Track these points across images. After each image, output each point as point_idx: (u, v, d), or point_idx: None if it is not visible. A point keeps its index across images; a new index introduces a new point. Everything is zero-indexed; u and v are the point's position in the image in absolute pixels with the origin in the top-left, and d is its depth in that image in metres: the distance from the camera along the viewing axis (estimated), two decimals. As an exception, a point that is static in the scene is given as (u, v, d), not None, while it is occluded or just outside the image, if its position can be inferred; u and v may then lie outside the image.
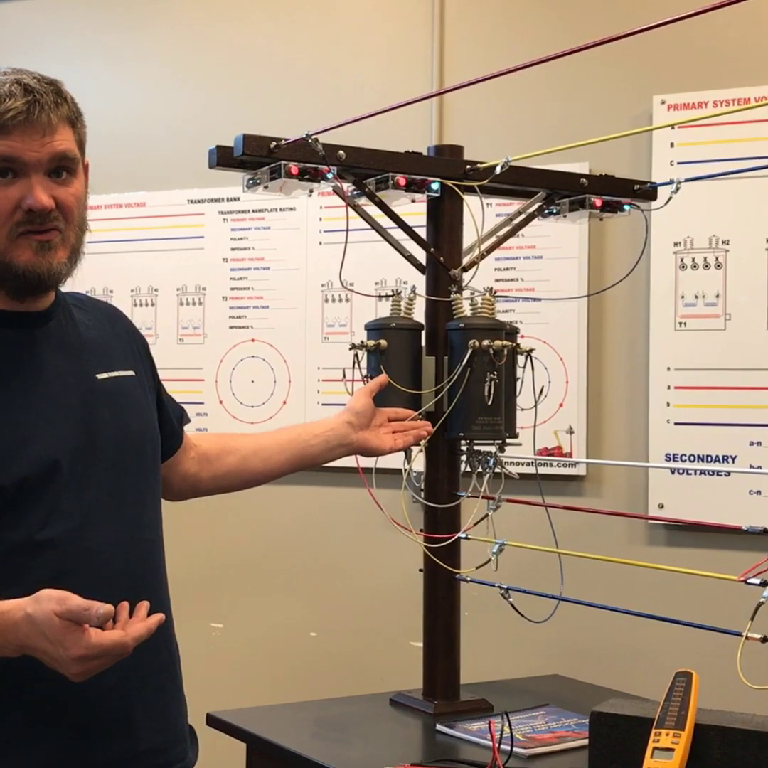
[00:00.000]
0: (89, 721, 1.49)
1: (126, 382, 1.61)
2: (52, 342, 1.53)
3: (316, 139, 1.94)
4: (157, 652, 1.57)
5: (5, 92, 1.41)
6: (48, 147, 1.43)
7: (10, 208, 1.42)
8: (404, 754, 1.83)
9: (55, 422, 1.48)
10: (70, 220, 1.47)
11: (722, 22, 2.69)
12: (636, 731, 1.58)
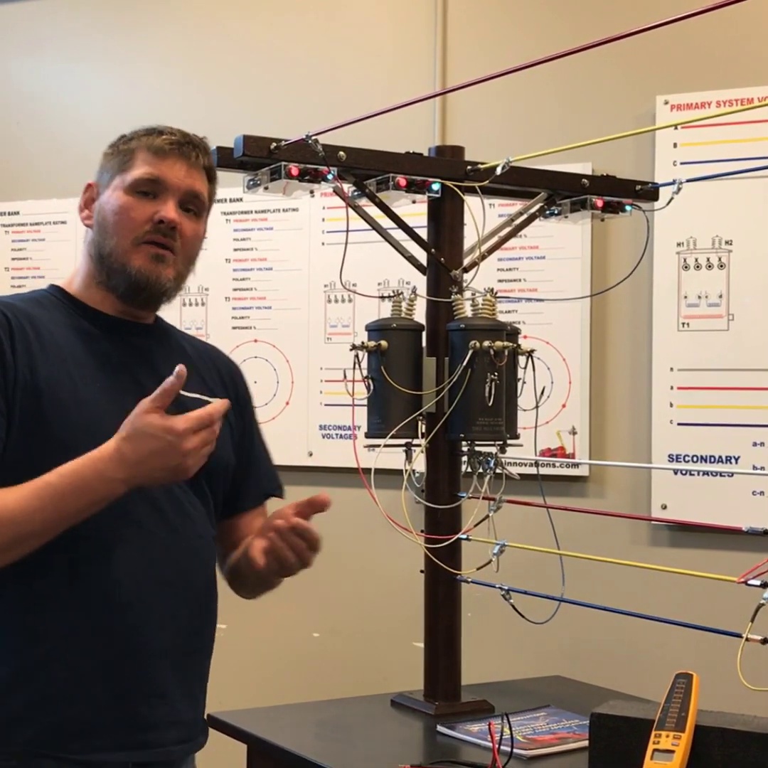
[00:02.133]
0: (126, 686, 1.58)
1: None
2: (144, 353, 1.70)
3: (316, 140, 1.94)
4: (191, 634, 1.70)
5: (167, 129, 1.72)
6: (188, 181, 1.67)
7: (143, 219, 1.62)
8: (405, 755, 1.84)
9: (121, 414, 1.55)
10: (185, 249, 1.67)
11: (725, 22, 2.68)
12: (636, 733, 1.58)
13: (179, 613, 1.66)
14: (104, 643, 1.56)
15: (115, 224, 1.63)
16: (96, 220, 1.66)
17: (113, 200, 1.64)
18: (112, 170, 1.68)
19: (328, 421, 3.27)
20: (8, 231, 3.68)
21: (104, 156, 1.71)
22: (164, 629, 1.62)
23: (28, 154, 3.67)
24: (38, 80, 3.68)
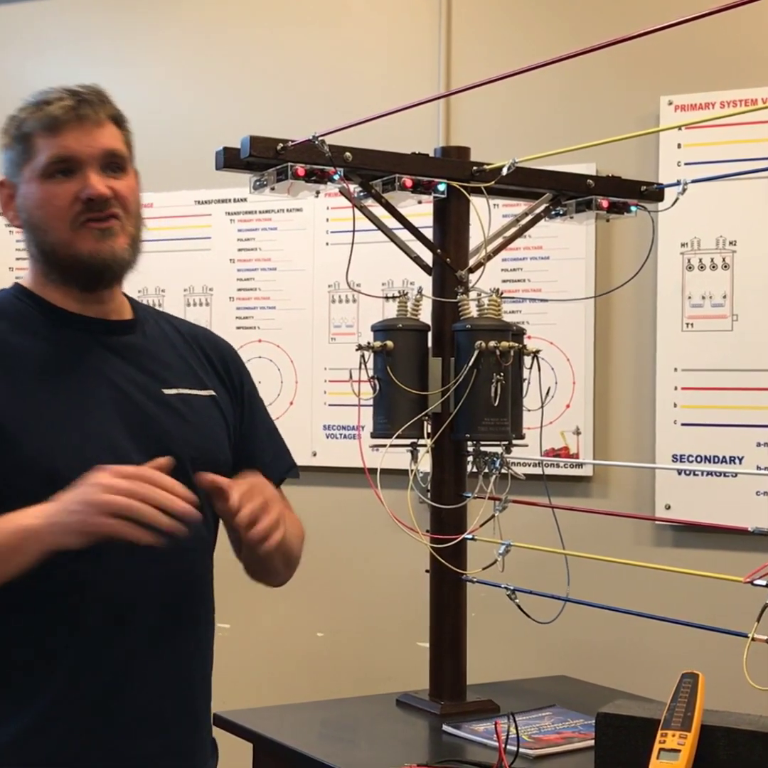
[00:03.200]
0: (125, 716, 1.49)
1: (195, 400, 1.62)
2: (117, 350, 1.57)
3: (322, 141, 1.95)
4: (185, 658, 1.60)
5: (54, 96, 1.53)
6: (99, 142, 1.51)
7: (69, 201, 1.49)
8: (410, 754, 1.84)
9: (92, 424, 1.49)
10: (128, 209, 1.53)
11: (729, 23, 2.67)
12: (642, 732, 1.58)
13: (172, 631, 1.56)
14: (87, 669, 1.47)
15: (44, 218, 1.51)
16: (23, 219, 1.54)
17: (31, 193, 1.51)
18: (17, 161, 1.53)
19: (332, 421, 3.28)
20: (12, 231, 3.67)
21: (2, 142, 1.57)
22: (155, 651, 1.53)
23: (33, 155, 3.67)
24: (42, 81, 3.64)
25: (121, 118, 1.58)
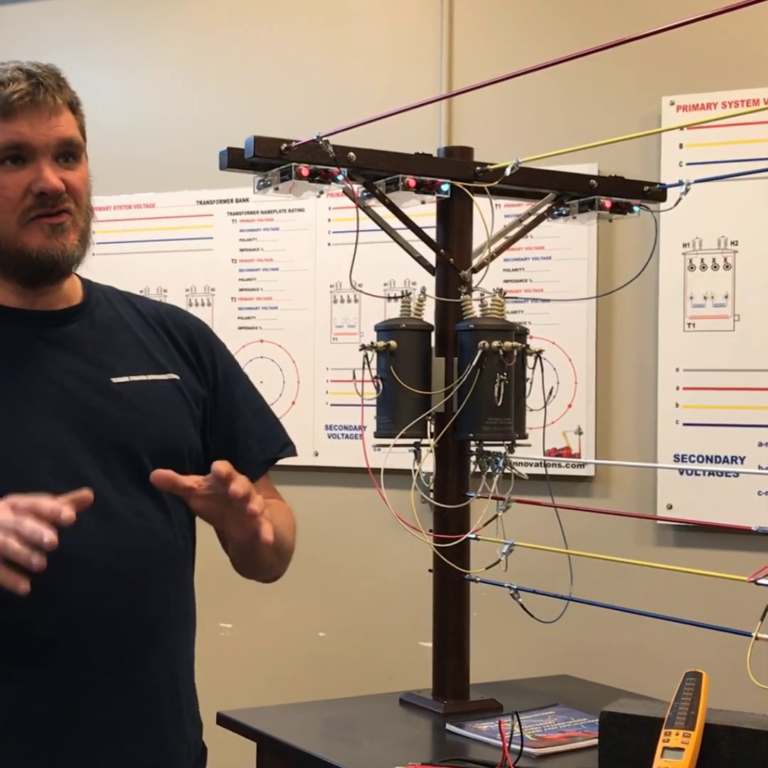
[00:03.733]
0: (73, 736, 1.41)
1: (147, 386, 1.52)
2: (62, 342, 1.48)
3: (326, 141, 1.95)
4: (144, 671, 1.48)
5: (8, 78, 1.41)
6: (55, 131, 1.43)
7: (20, 193, 1.41)
8: (414, 753, 1.84)
9: (45, 422, 1.42)
10: (80, 203, 1.46)
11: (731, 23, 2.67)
12: (646, 731, 1.58)
13: (127, 651, 1.45)
14: (39, 694, 1.38)
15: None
16: None
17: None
18: None
19: (334, 421, 3.28)
20: None
21: None
22: (110, 667, 1.43)
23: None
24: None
25: (77, 103, 1.50)
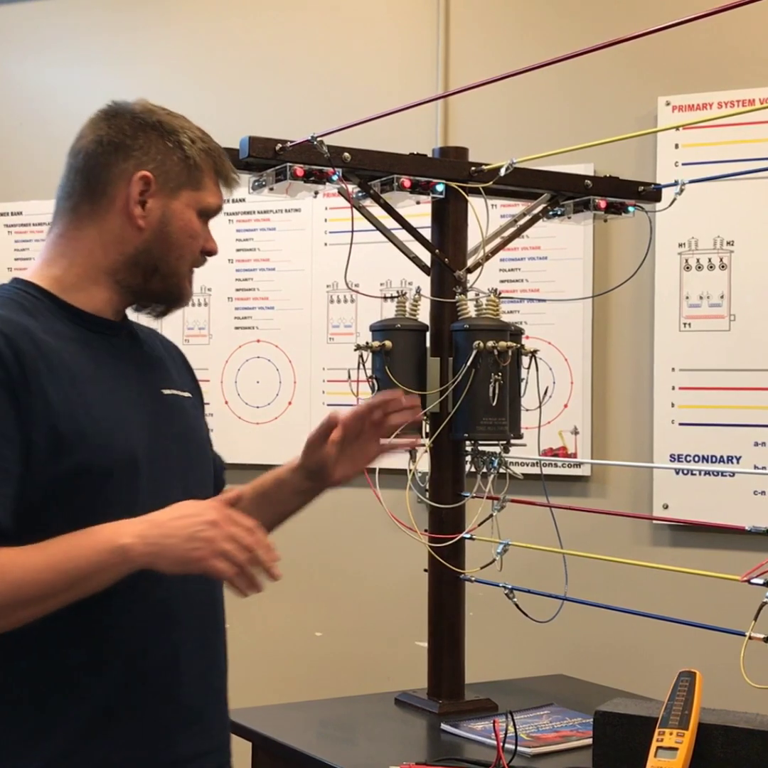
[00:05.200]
0: (167, 716, 1.49)
1: (186, 401, 1.65)
2: (128, 352, 1.59)
3: (321, 141, 1.95)
4: (218, 656, 1.60)
5: (220, 151, 1.61)
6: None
7: (200, 246, 1.61)
8: (409, 753, 1.84)
9: (134, 422, 1.51)
10: None
11: (727, 23, 2.68)
12: (640, 730, 1.59)
13: (207, 634, 1.57)
14: (137, 676, 1.47)
15: (183, 247, 1.56)
16: (156, 228, 1.53)
17: (186, 220, 1.56)
18: (179, 178, 1.54)
19: (330, 420, 3.28)
20: (11, 231, 3.69)
21: (145, 141, 1.53)
22: (193, 653, 1.54)
23: (31, 155, 3.68)
24: (41, 81, 3.68)
25: None
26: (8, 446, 1.37)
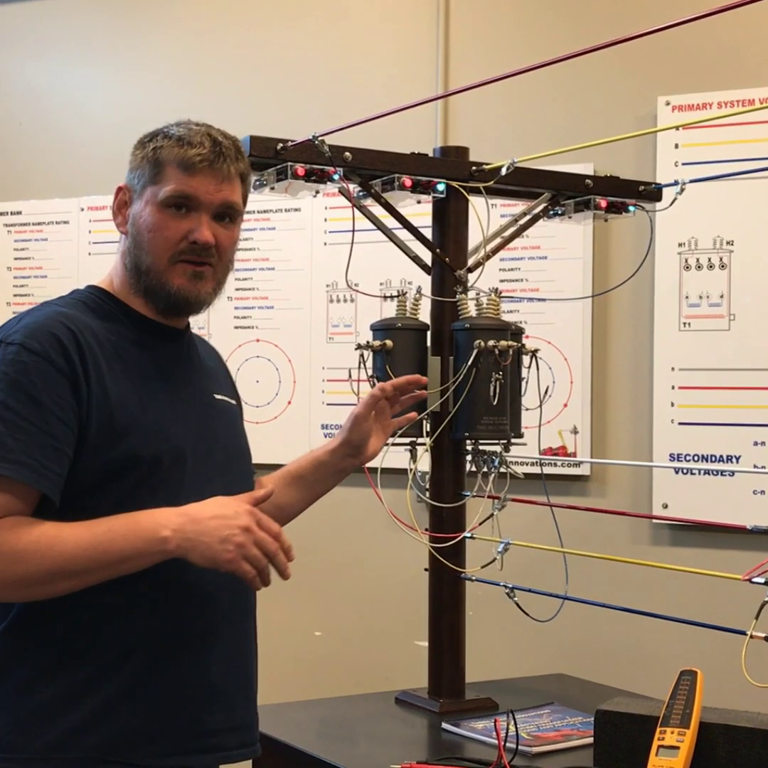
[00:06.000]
0: (192, 692, 1.58)
1: (232, 408, 1.76)
2: (187, 357, 1.71)
3: (322, 141, 1.95)
4: (249, 639, 1.74)
5: (197, 140, 1.64)
6: (221, 194, 1.62)
7: (177, 238, 1.60)
8: (410, 752, 1.85)
9: (185, 421, 1.61)
10: (223, 258, 1.65)
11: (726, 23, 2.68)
12: (641, 729, 1.59)
13: (236, 616, 1.67)
14: (169, 651, 1.56)
15: (150, 241, 1.61)
16: (130, 232, 1.63)
17: (147, 215, 1.61)
18: (143, 178, 1.63)
19: (330, 420, 3.28)
20: (11, 231, 3.69)
21: (133, 157, 1.67)
22: (225, 634, 1.64)
23: (31, 155, 3.68)
24: (41, 80, 3.68)
25: (248, 173, 1.70)
26: (66, 431, 1.49)
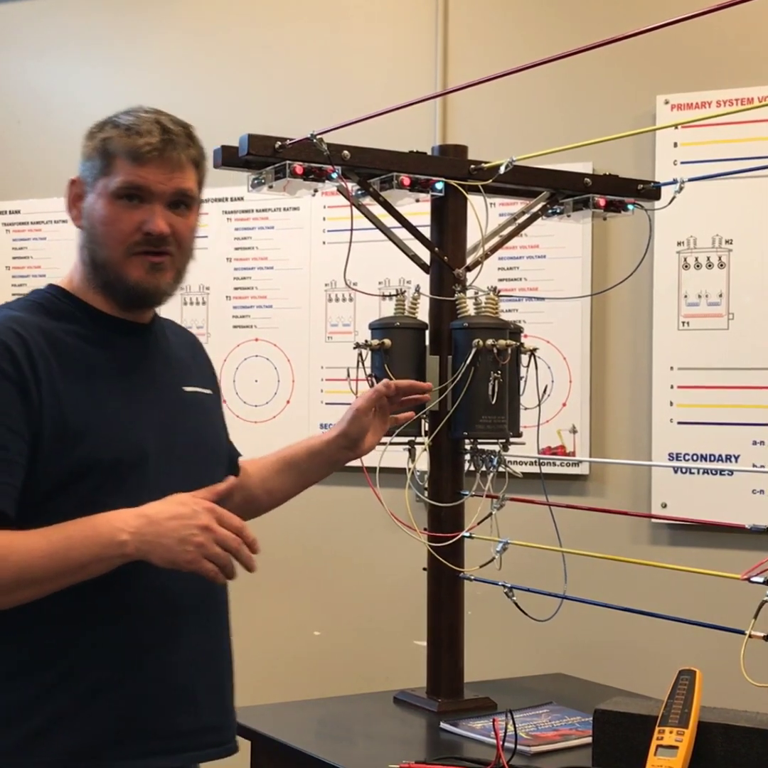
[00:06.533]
0: (158, 694, 1.57)
1: (206, 398, 1.75)
2: (151, 351, 1.68)
3: (320, 139, 1.95)
4: (220, 640, 1.68)
5: (145, 129, 1.58)
6: (174, 182, 1.59)
7: (131, 229, 1.58)
8: (408, 751, 1.84)
9: (147, 419, 1.60)
10: (182, 247, 1.63)
11: (725, 22, 2.68)
12: (640, 729, 1.59)
13: (204, 616, 1.65)
14: (132, 654, 1.55)
15: (104, 235, 1.59)
16: (85, 226, 1.62)
17: (99, 208, 1.59)
18: (94, 170, 1.61)
19: (329, 419, 3.28)
20: (9, 230, 3.69)
21: (84, 148, 1.63)
22: (191, 635, 1.61)
23: (30, 153, 3.67)
24: (40, 79, 3.68)
25: (202, 160, 1.66)
26: (14, 439, 1.47)
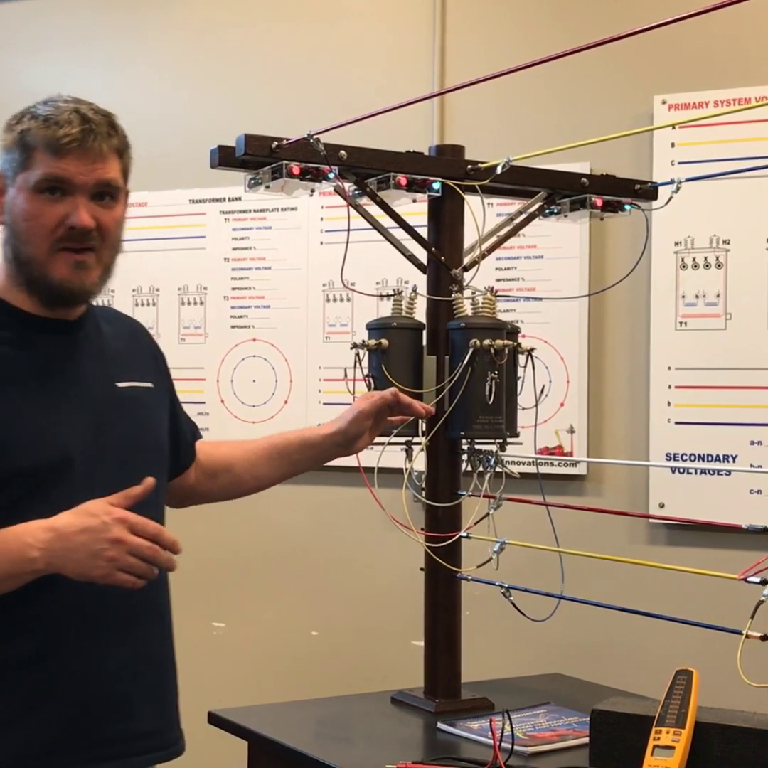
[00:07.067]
0: (90, 703, 1.55)
1: (145, 393, 1.70)
2: (80, 349, 1.63)
3: (317, 139, 1.95)
4: (152, 646, 1.65)
5: (64, 119, 1.53)
6: (96, 173, 1.54)
7: (54, 224, 1.53)
8: (405, 752, 1.84)
9: (72, 421, 1.56)
10: (107, 240, 1.58)
11: (723, 21, 2.68)
12: (637, 729, 1.59)
13: (139, 622, 1.63)
14: (55, 666, 1.53)
15: (27, 231, 1.54)
16: (7, 222, 1.56)
17: (20, 202, 1.54)
18: (14, 164, 1.55)
19: (326, 419, 3.26)
20: (6, 230, 3.68)
21: (3, 142, 1.58)
22: (124, 642, 1.60)
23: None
24: (39, 80, 3.67)
25: (125, 147, 1.62)
26: None
